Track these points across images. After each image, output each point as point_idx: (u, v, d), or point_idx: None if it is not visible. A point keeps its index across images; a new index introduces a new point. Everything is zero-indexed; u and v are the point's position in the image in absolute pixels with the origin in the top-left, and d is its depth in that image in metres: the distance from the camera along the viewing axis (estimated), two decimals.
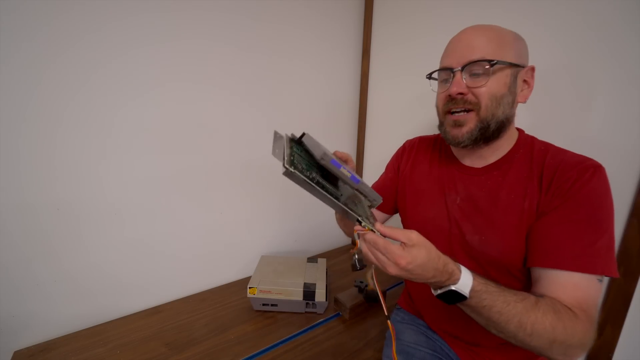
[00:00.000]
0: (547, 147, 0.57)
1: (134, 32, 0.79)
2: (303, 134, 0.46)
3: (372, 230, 0.44)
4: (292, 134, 0.49)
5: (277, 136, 0.47)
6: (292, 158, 0.42)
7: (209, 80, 0.93)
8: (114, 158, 0.82)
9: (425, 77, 0.63)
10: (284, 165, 0.40)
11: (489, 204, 0.57)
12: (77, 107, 0.75)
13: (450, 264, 0.44)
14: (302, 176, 0.40)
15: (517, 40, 0.55)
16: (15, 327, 0.76)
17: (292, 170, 0.40)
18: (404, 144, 0.79)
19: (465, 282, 0.43)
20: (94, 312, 0.85)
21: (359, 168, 1.37)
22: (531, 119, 0.79)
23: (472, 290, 0.44)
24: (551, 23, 0.74)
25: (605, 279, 0.69)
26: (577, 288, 0.47)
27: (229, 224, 1.07)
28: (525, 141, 0.59)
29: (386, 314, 0.47)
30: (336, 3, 1.16)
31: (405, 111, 1.14)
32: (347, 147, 1.37)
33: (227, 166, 1.02)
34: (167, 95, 0.87)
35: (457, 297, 0.44)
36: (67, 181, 0.77)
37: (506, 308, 0.44)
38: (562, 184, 0.50)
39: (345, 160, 0.52)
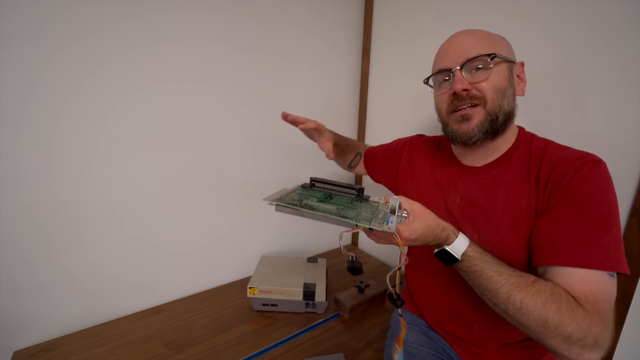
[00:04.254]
0: (546, 144, 0.56)
1: (132, 32, 0.79)
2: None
3: (369, 228, 0.45)
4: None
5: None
6: (283, 196, 0.52)
7: (209, 80, 0.93)
8: (114, 158, 0.82)
9: (422, 80, 0.63)
10: (269, 201, 0.50)
11: (487, 203, 0.57)
12: (76, 107, 0.75)
13: (448, 230, 0.49)
14: (287, 205, 0.49)
15: (504, 40, 0.57)
16: (15, 327, 0.76)
17: (275, 203, 0.49)
18: (406, 143, 0.79)
19: (458, 246, 0.48)
20: (94, 312, 0.85)
21: None
22: (532, 118, 0.79)
23: (464, 254, 0.48)
24: (550, 24, 0.74)
25: None
26: (584, 281, 0.44)
27: (229, 224, 1.07)
28: (525, 139, 0.59)
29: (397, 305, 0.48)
30: (336, 3, 1.16)
31: (406, 111, 1.14)
32: None
33: (227, 166, 1.02)
34: (167, 95, 0.87)
35: (450, 258, 0.48)
36: (66, 181, 0.77)
37: (497, 277, 0.46)
38: (560, 180, 0.49)
39: (318, 130, 0.63)
